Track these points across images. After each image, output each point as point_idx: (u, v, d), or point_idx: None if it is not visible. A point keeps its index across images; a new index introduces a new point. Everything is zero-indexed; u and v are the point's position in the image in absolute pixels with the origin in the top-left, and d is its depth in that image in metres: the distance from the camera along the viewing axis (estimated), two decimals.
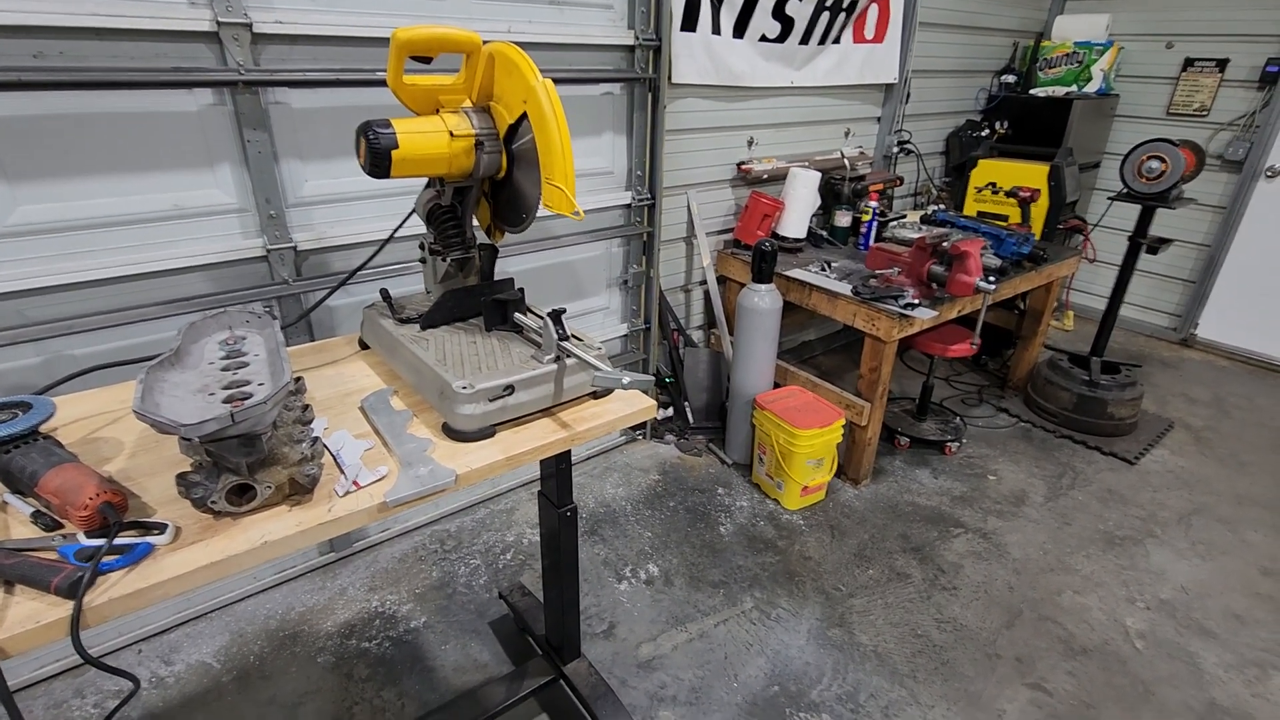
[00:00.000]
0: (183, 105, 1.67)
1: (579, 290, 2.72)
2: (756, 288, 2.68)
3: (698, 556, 2.44)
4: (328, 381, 1.31)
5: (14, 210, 1.54)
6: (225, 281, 1.86)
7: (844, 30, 3.22)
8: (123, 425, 1.14)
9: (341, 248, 2.02)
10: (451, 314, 1.36)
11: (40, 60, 1.47)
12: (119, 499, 0.89)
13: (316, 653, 2.00)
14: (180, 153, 1.70)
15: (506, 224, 1.38)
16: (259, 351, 1.09)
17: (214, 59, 1.66)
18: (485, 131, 1.27)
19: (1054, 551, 2.51)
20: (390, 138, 1.17)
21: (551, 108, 1.16)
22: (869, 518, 2.67)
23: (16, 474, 0.91)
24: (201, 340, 1.11)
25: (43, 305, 1.63)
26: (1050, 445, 3.20)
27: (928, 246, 2.53)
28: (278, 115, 1.80)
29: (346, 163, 1.96)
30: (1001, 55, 4.26)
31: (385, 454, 1.08)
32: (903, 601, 2.26)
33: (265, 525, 0.91)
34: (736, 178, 3.15)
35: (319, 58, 1.81)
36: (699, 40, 2.67)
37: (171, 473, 1.00)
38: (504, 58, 1.22)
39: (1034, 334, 3.52)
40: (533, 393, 1.16)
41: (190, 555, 0.85)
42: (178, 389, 0.96)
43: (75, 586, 0.77)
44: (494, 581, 2.29)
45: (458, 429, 1.11)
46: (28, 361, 1.67)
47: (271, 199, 1.84)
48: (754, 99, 3.02)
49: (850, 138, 3.61)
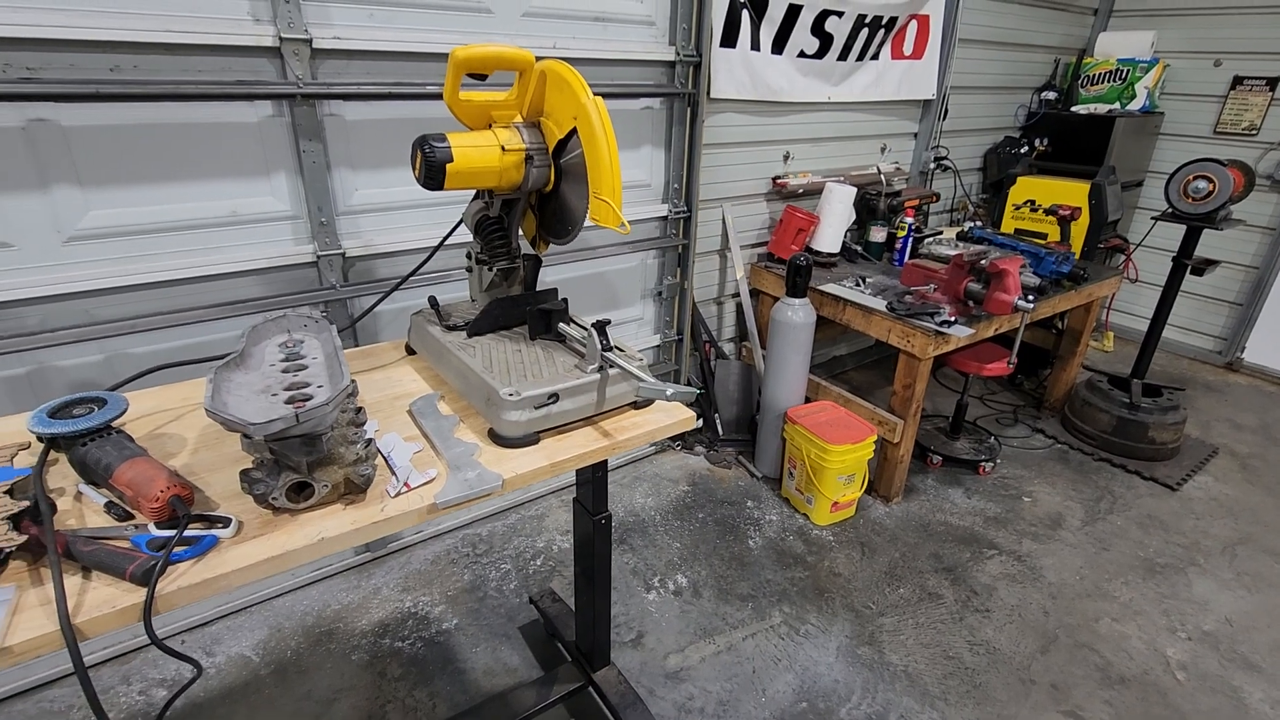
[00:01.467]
0: (244, 116, 1.74)
1: (614, 301, 2.75)
2: (790, 302, 2.68)
3: (726, 569, 2.44)
4: (376, 385, 1.36)
5: (86, 214, 1.63)
6: (276, 285, 1.93)
7: (883, 47, 3.22)
8: (185, 422, 1.19)
9: (387, 255, 2.08)
10: (497, 322, 1.39)
11: (116, 73, 1.55)
12: (187, 493, 0.93)
13: (351, 650, 2.05)
14: (240, 162, 1.77)
15: (552, 236, 1.41)
16: (316, 355, 1.13)
17: (275, 73, 1.74)
18: (535, 146, 1.31)
19: (1091, 577, 2.46)
20: (445, 151, 1.21)
21: (602, 125, 1.19)
22: (900, 536, 2.64)
23: (92, 466, 0.96)
24: (263, 343, 1.16)
25: (108, 305, 1.71)
26: (1088, 468, 3.14)
27: (965, 264, 2.51)
28: (332, 127, 1.87)
29: (394, 173, 2.02)
30: (1042, 72, 4.22)
31: (433, 457, 1.12)
32: (934, 622, 2.24)
33: (322, 522, 0.95)
34: (771, 192, 3.17)
35: (372, 72, 1.87)
36: (738, 56, 2.70)
37: (232, 469, 1.05)
38: (556, 75, 1.25)
39: (1072, 354, 3.45)
40: (576, 401, 1.19)
41: (252, 549, 0.89)
42: (242, 389, 1.00)
43: (149, 574, 0.81)
44: (524, 586, 2.32)
45: (503, 435, 1.14)
46: (91, 359, 1.74)
47: (323, 207, 1.90)
48: (791, 114, 3.04)
49: (886, 153, 3.60)
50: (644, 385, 1.07)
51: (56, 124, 1.54)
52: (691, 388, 1.09)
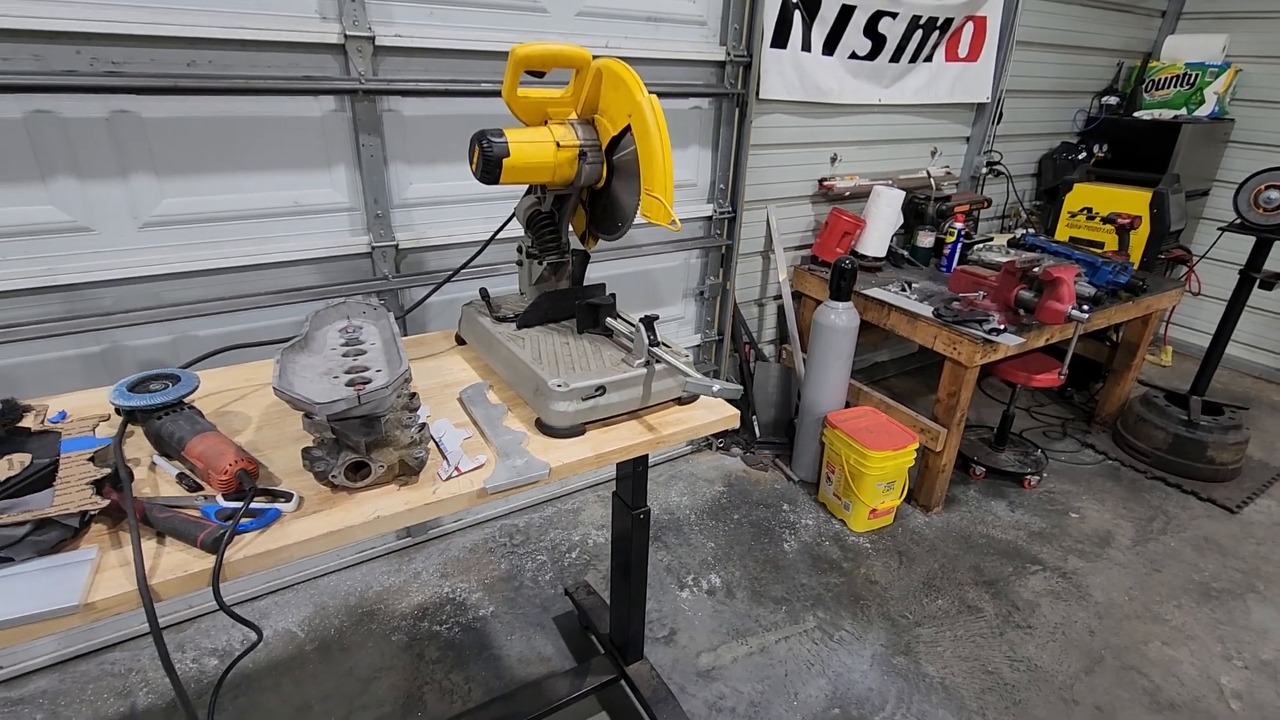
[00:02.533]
0: (308, 111, 1.80)
1: (656, 299, 2.77)
2: (834, 305, 2.65)
3: (760, 571, 2.43)
4: (428, 373, 1.39)
5: (160, 202, 1.71)
6: (332, 275, 2.00)
7: (936, 49, 3.16)
8: (249, 401, 1.24)
9: (437, 248, 2.13)
10: (546, 315, 1.42)
11: (193, 68, 1.63)
12: (253, 467, 0.97)
13: (391, 631, 2.11)
14: (303, 154, 1.84)
15: (602, 232, 1.43)
16: (375, 340, 1.17)
17: (339, 69, 1.80)
18: (589, 143, 1.33)
19: (1141, 599, 2.38)
20: (503, 146, 1.24)
21: (656, 123, 1.21)
22: (939, 546, 2.59)
23: (166, 438, 1.02)
24: (325, 327, 1.21)
25: (176, 289, 1.80)
26: (1140, 486, 3.03)
27: (1017, 271, 2.45)
28: (390, 122, 1.92)
29: (448, 168, 2.07)
30: (1104, 76, 4.09)
31: (483, 444, 1.14)
32: (973, 635, 2.19)
33: (377, 501, 0.98)
34: (817, 194, 3.14)
35: (430, 69, 1.92)
36: (788, 57, 2.68)
37: (293, 447, 1.09)
38: (611, 73, 1.27)
39: (1127, 368, 3.34)
40: (622, 394, 1.20)
41: (312, 523, 0.93)
42: (306, 370, 1.04)
43: (217, 543, 0.85)
44: (559, 578, 2.35)
45: (551, 425, 1.16)
46: (159, 340, 1.83)
47: (379, 199, 1.96)
48: (840, 115, 3.01)
49: (937, 157, 3.54)
50: (691, 380, 1.08)
51: (137, 115, 1.62)
52: (737, 385, 1.10)
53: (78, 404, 1.18)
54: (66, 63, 1.51)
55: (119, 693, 1.87)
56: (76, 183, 1.61)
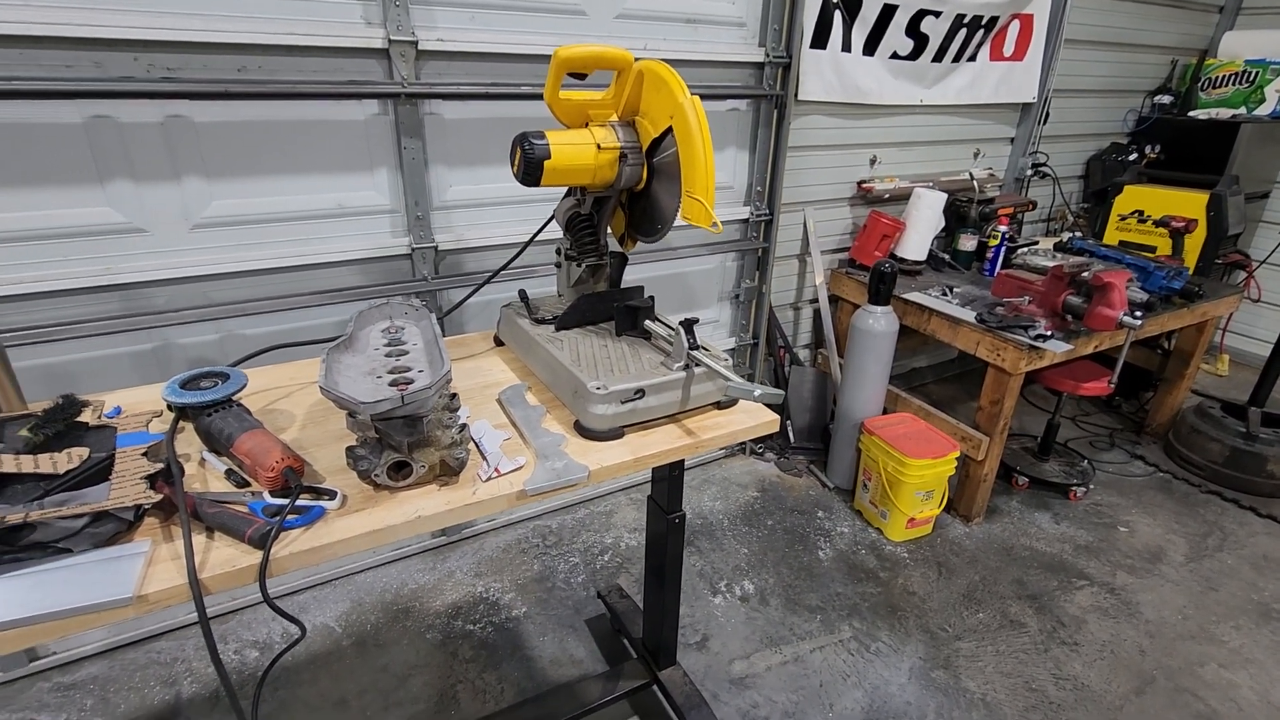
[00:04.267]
0: (352, 115, 1.84)
1: (691, 302, 2.75)
2: (872, 309, 2.61)
3: (795, 579, 2.39)
4: (467, 374, 1.40)
5: (210, 204, 1.75)
6: (372, 276, 2.03)
7: (981, 48, 3.09)
8: (294, 399, 1.26)
9: (476, 249, 2.15)
10: (584, 317, 1.42)
11: (243, 74, 1.67)
12: (298, 465, 0.99)
13: (425, 629, 2.13)
14: (346, 157, 1.87)
15: (641, 234, 1.43)
16: (416, 341, 1.18)
17: (382, 73, 1.83)
18: (629, 144, 1.32)
19: (1196, 618, 2.28)
20: (544, 148, 1.24)
21: (698, 124, 1.19)
22: (980, 558, 2.52)
23: (215, 434, 1.04)
24: (368, 327, 1.22)
25: (224, 289, 1.84)
26: (1194, 500, 2.91)
27: (1065, 275, 2.37)
28: (431, 125, 1.95)
29: (487, 170, 2.08)
30: (1157, 74, 3.95)
31: (521, 445, 1.15)
32: (1016, 651, 2.12)
33: (418, 501, 0.99)
34: (856, 196, 3.09)
35: (471, 73, 1.94)
36: (828, 57, 2.65)
37: (337, 445, 1.11)
38: (654, 74, 1.26)
39: (1180, 377, 3.21)
40: (661, 398, 1.19)
41: (356, 521, 0.94)
42: (350, 370, 1.06)
43: (265, 538, 0.86)
44: (591, 580, 2.35)
45: (589, 427, 1.16)
46: (208, 338, 1.88)
47: (419, 201, 1.98)
48: (880, 116, 2.96)
49: (980, 158, 3.45)
50: (732, 385, 1.06)
51: (190, 120, 1.67)
52: (778, 390, 1.08)
53: (132, 400, 1.22)
54: (125, 69, 1.56)
55: (165, 681, 1.92)
56: (132, 185, 1.66)
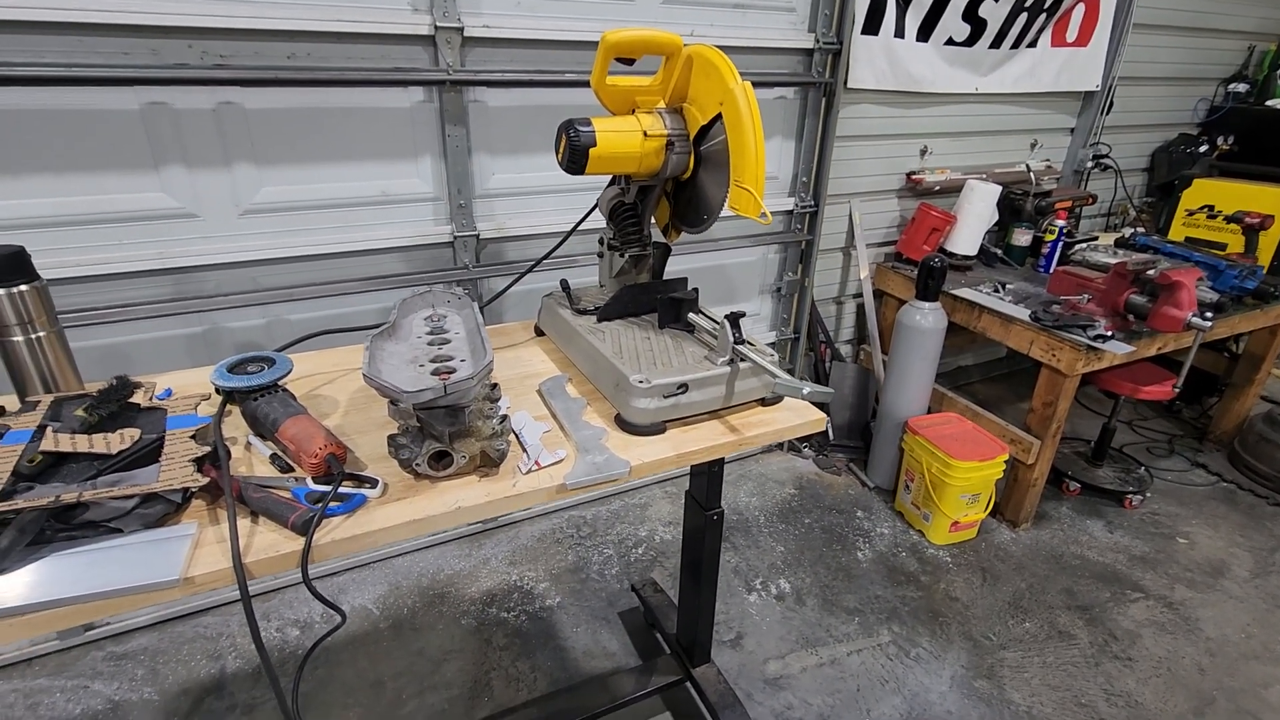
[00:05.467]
0: (398, 102, 1.84)
1: (731, 294, 2.70)
2: (920, 305, 2.52)
3: (832, 579, 2.34)
4: (507, 364, 1.39)
5: (259, 190, 1.78)
6: (415, 263, 2.04)
7: (1042, 33, 2.95)
8: (337, 385, 1.27)
9: (517, 238, 2.14)
10: (627, 309, 1.39)
11: (292, 60, 1.68)
12: (341, 452, 0.99)
13: (461, 615, 2.14)
14: (392, 145, 1.88)
15: (686, 224, 1.39)
16: (459, 330, 1.17)
17: (428, 60, 1.82)
18: (677, 132, 1.29)
19: (1260, 637, 2.16)
20: (590, 136, 1.22)
21: (749, 111, 1.15)
22: (1027, 565, 2.43)
23: (261, 419, 1.05)
24: (411, 315, 1.22)
25: (271, 274, 1.87)
26: (1260, 513, 2.75)
27: (1128, 273, 2.26)
28: (475, 112, 1.94)
29: (529, 158, 2.07)
30: (1232, 61, 3.72)
31: (562, 438, 1.13)
32: (1064, 664, 2.04)
33: (459, 492, 0.98)
34: (904, 188, 2.99)
35: (516, 60, 1.93)
36: (880, 44, 2.56)
37: (379, 432, 1.10)
38: (703, 59, 1.23)
39: (1249, 382, 3.04)
40: (705, 393, 1.16)
41: (396, 510, 0.93)
42: (393, 358, 1.05)
43: (307, 525, 0.86)
44: (625, 573, 2.33)
45: (631, 421, 1.14)
46: (255, 322, 1.91)
47: (462, 189, 1.98)
48: (932, 105, 2.85)
49: (1037, 149, 3.31)
50: (779, 381, 1.03)
51: (241, 106, 1.69)
52: (828, 388, 1.04)
53: (182, 382, 1.24)
54: (179, 56, 1.59)
55: (210, 655, 1.98)
56: (185, 171, 1.69)
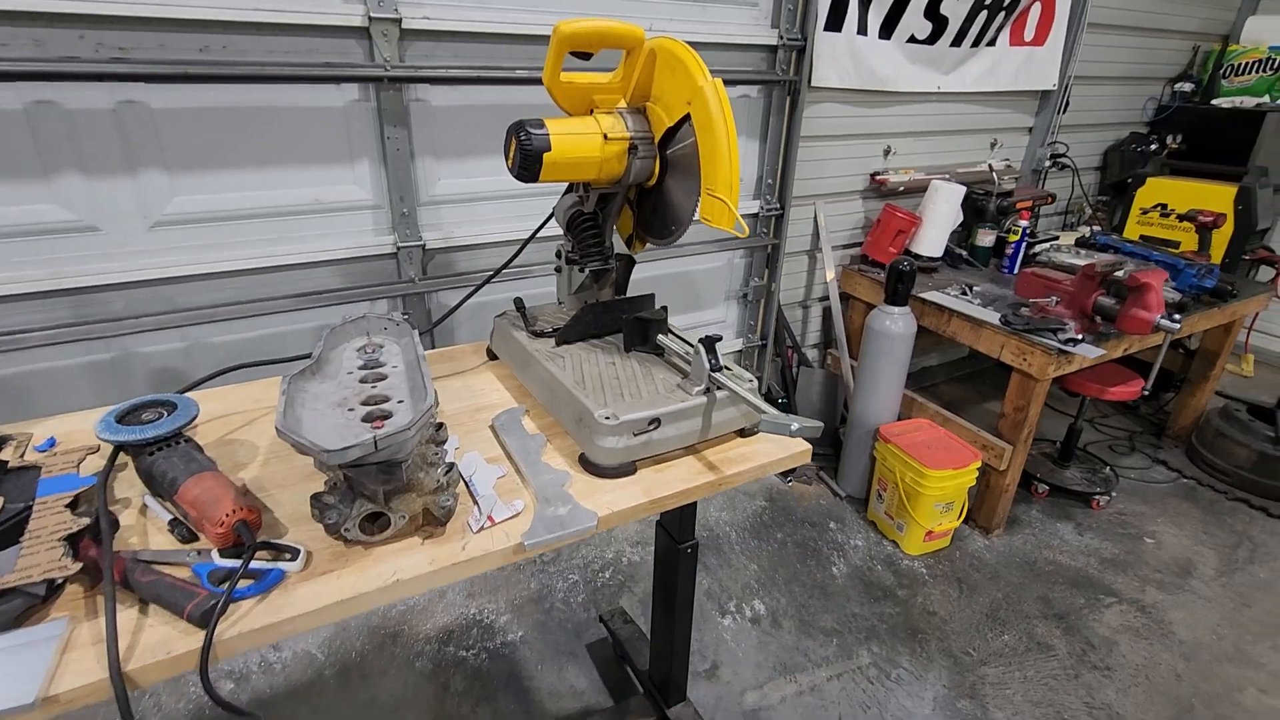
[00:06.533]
0: (330, 101, 1.67)
1: (696, 302, 2.60)
2: (889, 310, 2.46)
3: (808, 598, 2.25)
4: (456, 394, 1.25)
5: (172, 200, 1.59)
6: (354, 277, 1.86)
7: (1001, 31, 2.93)
8: (257, 427, 1.11)
9: (467, 248, 1.99)
10: (588, 330, 1.26)
11: (205, 54, 1.50)
12: (254, 516, 0.83)
13: (415, 656, 1.98)
14: (324, 148, 1.70)
15: (652, 235, 1.27)
16: (397, 363, 1.02)
17: (362, 54, 1.65)
18: (640, 135, 1.16)
19: (1231, 638, 2.15)
20: (543, 139, 1.08)
21: (721, 112, 1.04)
22: (1002, 573, 2.39)
23: (158, 478, 0.88)
24: (341, 346, 1.07)
25: (190, 293, 1.68)
26: (1221, 509, 2.78)
27: (1097, 275, 2.23)
28: (417, 112, 1.78)
29: (479, 162, 1.92)
30: (1178, 61, 3.79)
31: (519, 484, 0.99)
32: (1045, 677, 1.99)
33: (397, 559, 0.83)
34: (869, 189, 2.93)
35: (461, 54, 1.77)
36: (843, 41, 2.48)
37: (303, 486, 0.95)
38: (668, 54, 1.10)
39: (1205, 378, 3.08)
40: (679, 427, 1.04)
41: (320, 588, 0.79)
42: (318, 401, 0.90)
43: (208, 616, 0.71)
44: (592, 600, 2.20)
45: (597, 463, 1.01)
46: (173, 346, 1.72)
47: (405, 196, 1.82)
48: (895, 104, 2.80)
49: (996, 149, 3.30)
50: (767, 418, 0.91)
51: (146, 106, 1.50)
52: (817, 422, 0.93)
53: (70, 429, 1.06)
54: (69, 48, 1.39)
55: None
56: (82, 179, 1.49)
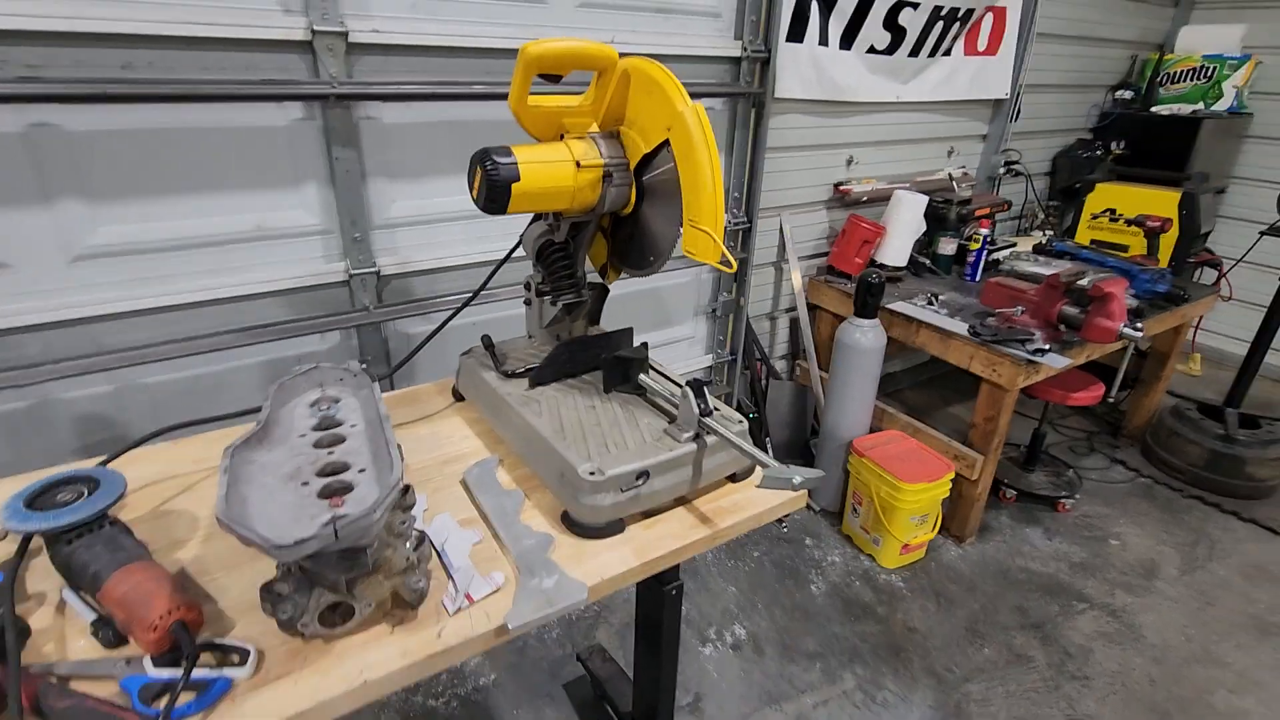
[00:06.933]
0: (271, 120, 1.54)
1: (665, 318, 2.53)
2: (859, 323, 2.44)
3: (789, 620, 2.21)
4: (422, 444, 1.15)
5: (95, 231, 1.44)
6: (303, 308, 1.74)
7: (956, 41, 2.95)
8: (197, 493, 0.99)
9: (426, 272, 1.88)
10: (563, 370, 1.18)
11: (129, 71, 1.36)
12: (193, 614, 0.73)
13: (381, 709, 1.86)
14: (266, 171, 1.58)
15: (629, 265, 1.20)
16: (355, 420, 0.92)
17: (306, 71, 1.54)
18: (615, 161, 1.09)
19: (1198, 638, 2.20)
20: (511, 169, 1.00)
21: (704, 139, 0.97)
22: (978, 584, 2.39)
23: (78, 571, 0.76)
24: (291, 403, 0.96)
25: (118, 332, 1.53)
26: (1177, 506, 2.86)
27: (1061, 285, 2.25)
28: (368, 131, 1.66)
29: (436, 182, 1.81)
30: (1118, 69, 3.91)
31: (497, 551, 0.90)
32: (1026, 691, 1.99)
33: (364, 654, 0.74)
34: (833, 199, 2.92)
35: (414, 69, 1.67)
36: (805, 51, 2.45)
37: (252, 565, 0.85)
38: (644, 76, 1.03)
39: (1157, 378, 3.17)
40: (669, 478, 0.97)
41: (275, 697, 0.68)
42: (266, 473, 0.79)
43: None
44: (568, 635, 2.11)
45: (583, 522, 0.93)
46: (99, 390, 1.56)
47: (357, 220, 1.70)
48: (856, 115, 2.79)
49: (953, 157, 3.33)
50: (770, 472, 0.84)
51: (61, 129, 1.35)
52: (818, 470, 0.87)
53: None
54: None
55: None
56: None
